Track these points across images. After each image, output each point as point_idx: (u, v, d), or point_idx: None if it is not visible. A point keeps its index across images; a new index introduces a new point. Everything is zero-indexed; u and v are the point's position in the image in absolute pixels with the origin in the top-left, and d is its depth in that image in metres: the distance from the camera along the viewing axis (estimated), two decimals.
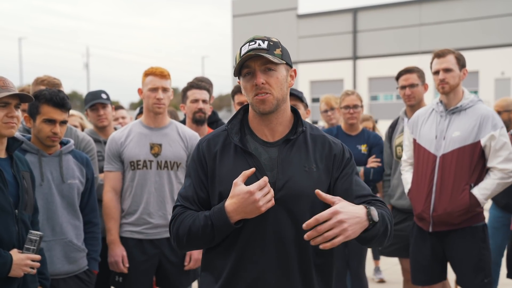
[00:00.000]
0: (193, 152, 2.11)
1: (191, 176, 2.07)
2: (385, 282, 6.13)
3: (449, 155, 3.50)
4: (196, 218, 1.97)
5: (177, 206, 2.06)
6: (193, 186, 2.05)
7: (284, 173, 1.98)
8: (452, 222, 3.51)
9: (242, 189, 1.87)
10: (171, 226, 2.04)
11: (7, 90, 2.60)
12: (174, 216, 2.04)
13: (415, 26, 26.12)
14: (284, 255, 1.97)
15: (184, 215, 2.01)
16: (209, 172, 2.03)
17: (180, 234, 1.99)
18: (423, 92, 4.23)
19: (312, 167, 2.02)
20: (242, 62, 1.98)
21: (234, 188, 1.90)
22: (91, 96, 4.23)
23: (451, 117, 3.59)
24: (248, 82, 1.99)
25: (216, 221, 1.92)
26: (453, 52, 3.62)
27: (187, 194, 2.05)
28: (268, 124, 2.04)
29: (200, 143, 2.09)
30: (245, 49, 1.99)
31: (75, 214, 3.15)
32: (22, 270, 2.57)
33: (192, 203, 2.04)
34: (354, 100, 4.42)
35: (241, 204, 1.87)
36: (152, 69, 3.52)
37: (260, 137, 2.05)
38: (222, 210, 1.91)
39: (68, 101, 3.05)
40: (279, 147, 2.02)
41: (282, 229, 1.96)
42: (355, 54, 27.83)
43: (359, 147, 4.41)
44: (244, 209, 1.88)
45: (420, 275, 3.72)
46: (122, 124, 5.26)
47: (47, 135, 3.00)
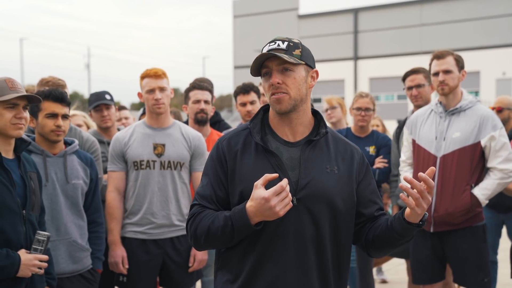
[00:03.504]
0: (212, 151, 2.10)
1: (209, 175, 2.06)
2: (387, 282, 6.15)
3: (450, 156, 3.52)
4: (215, 217, 1.97)
5: (195, 205, 2.05)
6: (211, 185, 2.04)
7: (307, 173, 2.00)
8: (453, 222, 3.54)
9: (259, 194, 1.86)
10: (189, 224, 2.03)
11: (16, 91, 2.62)
12: (193, 214, 2.03)
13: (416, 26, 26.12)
14: (304, 255, 1.98)
15: (203, 214, 2.00)
16: (229, 170, 2.03)
17: (198, 233, 1.99)
18: (430, 92, 4.24)
19: (334, 169, 2.04)
20: (258, 61, 2.01)
21: (254, 191, 1.89)
22: (95, 97, 4.25)
23: (450, 118, 3.61)
24: (266, 81, 2.03)
25: (236, 222, 1.91)
26: (452, 54, 3.64)
27: (205, 193, 2.05)
28: (288, 124, 2.06)
29: (220, 142, 2.09)
30: (265, 49, 2.03)
31: (79, 214, 3.18)
32: (30, 270, 2.59)
33: (210, 202, 2.03)
34: (367, 103, 4.43)
35: (258, 208, 1.87)
36: (147, 71, 3.56)
37: (281, 136, 2.07)
38: (243, 212, 1.90)
39: (67, 96, 3.09)
40: (301, 147, 2.04)
41: (302, 229, 1.98)
42: (356, 55, 27.84)
43: (367, 148, 4.43)
44: (262, 213, 1.88)
45: (421, 274, 3.74)
46: (125, 125, 5.28)
47: (51, 129, 3.03)
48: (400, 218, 1.95)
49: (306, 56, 2.05)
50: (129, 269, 3.49)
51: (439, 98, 3.71)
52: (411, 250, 3.83)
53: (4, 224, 2.54)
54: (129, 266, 3.49)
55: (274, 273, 1.97)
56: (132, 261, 3.48)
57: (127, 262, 3.47)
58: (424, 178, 1.85)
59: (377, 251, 2.14)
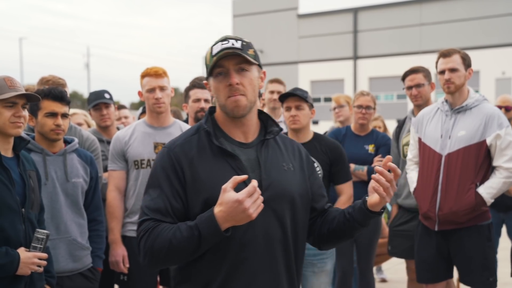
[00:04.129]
0: (161, 161, 1.93)
1: (161, 186, 1.89)
2: (387, 281, 6.15)
3: (455, 154, 3.51)
4: (176, 230, 1.81)
5: (146, 220, 1.87)
6: (165, 196, 1.88)
7: (268, 173, 1.96)
8: (458, 221, 3.53)
9: (230, 197, 1.75)
10: (142, 241, 1.85)
11: (15, 90, 2.62)
12: (146, 230, 1.85)
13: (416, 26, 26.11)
14: (274, 257, 1.95)
15: (159, 229, 1.83)
16: (187, 179, 1.89)
17: (156, 249, 1.82)
18: (429, 91, 4.24)
19: (290, 167, 2.03)
20: (218, 59, 1.90)
21: (222, 195, 1.77)
22: (94, 96, 4.24)
23: (456, 116, 3.60)
24: (220, 82, 1.93)
25: (204, 231, 1.77)
26: (458, 52, 3.63)
27: (157, 206, 1.88)
28: (241, 125, 1.99)
29: (170, 150, 1.94)
30: (217, 48, 1.92)
31: (79, 213, 3.17)
32: (30, 269, 2.59)
33: (166, 215, 1.87)
34: (368, 101, 4.43)
35: (230, 212, 1.75)
36: (147, 70, 3.56)
37: (235, 138, 1.99)
38: (211, 219, 1.77)
39: (66, 95, 3.09)
40: (256, 148, 1.99)
41: (270, 230, 1.93)
42: (356, 54, 27.82)
43: (366, 147, 4.43)
44: (234, 217, 1.77)
45: (425, 273, 3.73)
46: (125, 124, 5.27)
47: (50, 128, 3.03)
48: (363, 208, 1.95)
49: (257, 56, 2.01)
50: (130, 268, 3.49)
51: (445, 96, 3.71)
52: (415, 249, 3.82)
53: (4, 223, 2.54)
54: (129, 265, 3.48)
55: (247, 279, 1.90)
56: (132, 260, 3.48)
57: (127, 261, 3.47)
58: (393, 167, 1.86)
59: (331, 244, 2.15)
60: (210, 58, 1.93)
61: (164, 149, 1.96)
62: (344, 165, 3.66)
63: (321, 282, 3.58)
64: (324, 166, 3.58)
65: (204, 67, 2.06)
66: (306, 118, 3.55)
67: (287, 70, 27.11)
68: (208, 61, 1.94)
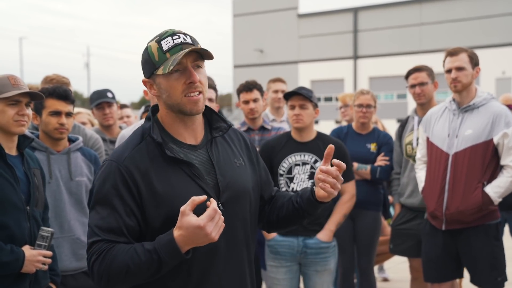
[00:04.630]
0: (108, 176, 1.77)
1: (112, 204, 1.74)
2: (389, 281, 6.15)
3: (462, 154, 3.50)
4: (133, 253, 1.69)
5: (98, 242, 1.73)
6: (118, 215, 1.74)
7: (223, 174, 1.88)
8: (465, 220, 3.52)
9: (191, 222, 1.63)
10: (96, 265, 1.72)
11: (18, 88, 2.62)
12: (100, 253, 1.71)
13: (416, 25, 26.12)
14: (238, 258, 1.91)
15: (114, 251, 1.71)
16: (142, 193, 1.76)
17: (113, 274, 1.70)
18: (433, 90, 4.23)
19: (241, 161, 1.97)
20: (181, 56, 1.76)
21: (181, 218, 1.65)
22: (97, 95, 4.25)
23: (463, 115, 3.59)
24: (176, 80, 1.79)
25: (164, 255, 1.67)
26: (466, 51, 3.62)
27: (110, 225, 1.73)
28: (190, 125, 1.88)
29: (118, 164, 1.77)
30: (169, 43, 1.79)
31: (83, 211, 3.17)
32: (34, 266, 2.59)
33: (120, 235, 1.74)
34: (368, 99, 4.42)
35: (191, 237, 1.65)
36: None
37: (183, 141, 1.87)
38: (171, 243, 1.66)
39: (71, 94, 3.09)
40: (206, 148, 1.90)
41: (233, 233, 1.88)
42: (356, 54, 27.84)
43: (368, 145, 4.42)
44: (195, 241, 1.67)
45: (432, 272, 3.72)
46: (127, 123, 5.29)
47: (54, 127, 3.03)
48: (311, 199, 1.94)
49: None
50: None
51: (453, 95, 3.70)
52: (422, 248, 3.82)
53: (9, 220, 2.55)
54: None
55: (216, 283, 1.85)
56: None
57: None
58: (337, 163, 1.87)
59: (280, 229, 2.16)
60: (160, 53, 1.79)
61: (111, 163, 1.78)
62: (347, 164, 3.66)
63: (324, 281, 3.58)
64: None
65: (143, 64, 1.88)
66: (310, 117, 3.55)
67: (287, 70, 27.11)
68: (157, 57, 1.79)
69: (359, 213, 4.16)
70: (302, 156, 3.57)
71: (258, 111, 4.26)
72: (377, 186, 4.42)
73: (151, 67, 1.82)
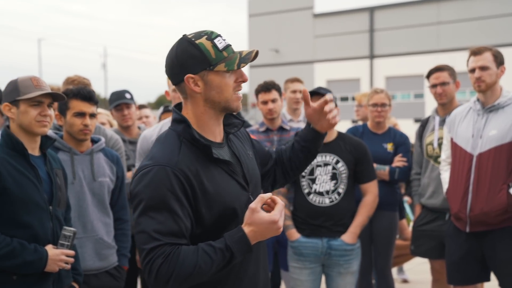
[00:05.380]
0: (163, 181, 1.77)
1: (171, 208, 1.76)
2: (408, 282, 6.10)
3: (486, 154, 3.44)
4: (202, 253, 1.75)
5: (160, 246, 1.74)
6: (178, 218, 1.77)
7: (247, 167, 1.99)
8: (489, 222, 3.45)
9: (264, 218, 1.77)
10: (163, 267, 1.72)
11: (41, 89, 2.64)
12: (166, 256, 1.73)
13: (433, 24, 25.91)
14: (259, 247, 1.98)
15: (182, 253, 1.74)
16: (197, 195, 1.81)
17: (183, 275, 1.73)
18: (454, 90, 4.17)
19: (250, 153, 2.08)
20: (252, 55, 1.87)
21: (252, 215, 1.77)
22: (116, 96, 4.27)
23: (488, 115, 3.54)
24: (228, 78, 1.87)
25: (238, 252, 1.77)
26: (490, 50, 3.56)
27: (170, 229, 1.76)
28: (220, 124, 1.96)
29: (172, 168, 1.78)
30: (222, 43, 1.88)
31: (105, 212, 3.20)
32: (57, 265, 2.61)
33: (180, 237, 1.77)
34: (383, 98, 4.39)
35: (263, 231, 1.78)
36: None
37: (214, 140, 1.94)
38: (244, 239, 1.77)
39: (94, 95, 3.12)
40: (228, 144, 1.99)
41: None
42: (372, 53, 27.69)
43: (384, 145, 4.39)
44: (265, 236, 1.80)
45: (455, 274, 3.66)
46: (146, 123, 5.31)
47: (79, 128, 3.06)
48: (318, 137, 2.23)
49: None
50: None
51: (477, 95, 3.65)
52: (446, 250, 3.76)
53: (32, 220, 2.57)
54: None
55: (253, 271, 1.96)
56: None
57: None
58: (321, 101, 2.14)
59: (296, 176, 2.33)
60: (217, 51, 1.85)
61: (164, 168, 1.78)
62: (369, 163, 3.64)
63: (347, 283, 3.56)
64: (350, 165, 3.56)
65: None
66: None
67: (303, 70, 27.06)
68: (214, 54, 1.85)
69: (376, 214, 4.13)
70: (323, 157, 3.56)
71: (276, 111, 4.25)
72: (393, 187, 4.39)
73: (204, 63, 1.85)
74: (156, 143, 1.92)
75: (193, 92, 1.87)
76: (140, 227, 1.77)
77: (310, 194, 3.55)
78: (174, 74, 1.89)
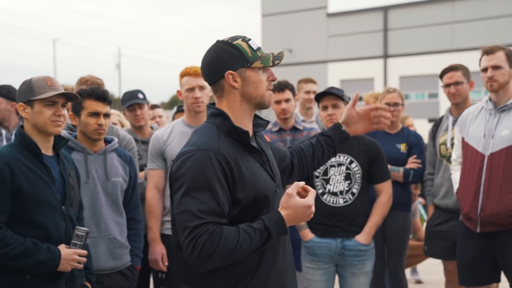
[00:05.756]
0: (205, 164, 1.91)
1: (213, 189, 1.90)
2: (422, 283, 6.05)
3: (498, 154, 3.41)
4: (242, 233, 1.90)
5: (204, 224, 1.88)
6: (220, 198, 1.91)
7: (272, 161, 2.18)
8: (500, 223, 3.42)
9: (300, 203, 1.94)
10: (208, 243, 1.86)
11: (55, 89, 2.66)
12: (210, 233, 1.86)
13: (448, 23, 25.70)
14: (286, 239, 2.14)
15: (225, 231, 1.89)
16: (235, 179, 1.95)
17: (224, 252, 1.87)
18: (468, 89, 4.13)
19: (269, 151, 2.25)
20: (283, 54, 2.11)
21: (289, 199, 1.95)
22: (128, 96, 4.27)
23: (500, 115, 3.50)
24: (262, 75, 2.07)
25: (276, 233, 1.93)
26: (503, 49, 3.53)
27: (213, 209, 1.90)
28: (251, 119, 2.14)
29: (214, 153, 1.93)
30: (255, 45, 2.09)
31: (118, 211, 3.21)
32: (70, 265, 2.62)
33: (221, 217, 1.91)
34: (395, 98, 4.36)
35: (297, 216, 1.95)
36: (187, 69, 3.57)
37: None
38: (281, 221, 1.94)
39: (108, 95, 3.14)
40: (255, 139, 2.17)
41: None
42: (386, 53, 27.54)
43: (398, 145, 4.35)
44: (299, 219, 1.97)
45: (467, 275, 3.64)
46: (159, 123, 5.32)
47: (93, 128, 3.07)
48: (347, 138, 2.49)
49: None
50: (168, 266, 3.51)
51: (489, 94, 3.62)
52: (457, 251, 3.73)
53: (45, 219, 2.59)
54: (168, 263, 3.50)
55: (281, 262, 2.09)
56: (170, 258, 3.49)
57: (166, 259, 3.49)
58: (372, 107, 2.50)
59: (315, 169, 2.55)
60: (252, 51, 2.05)
61: (207, 152, 1.93)
62: (383, 163, 3.62)
63: (360, 283, 3.54)
64: (363, 165, 3.54)
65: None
66: None
67: (317, 70, 26.98)
68: (250, 53, 2.04)
69: (388, 214, 4.10)
70: (337, 157, 3.54)
71: (290, 111, 4.25)
72: (406, 187, 4.36)
73: (243, 61, 2.04)
74: (194, 134, 2.07)
75: (231, 88, 2.04)
76: (183, 207, 1.90)
77: (324, 194, 3.54)
78: (213, 72, 2.05)
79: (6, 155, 2.55)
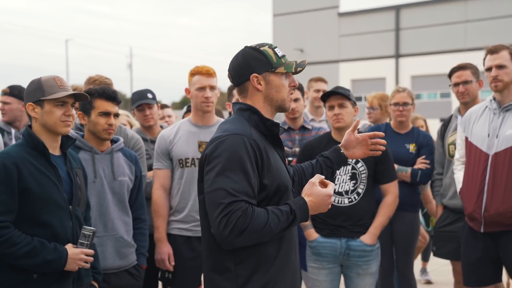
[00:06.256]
0: (239, 146, 2.05)
1: (246, 171, 2.03)
2: (432, 283, 6.02)
3: (502, 154, 3.39)
4: (271, 213, 2.04)
5: (237, 201, 2.00)
6: (252, 179, 2.04)
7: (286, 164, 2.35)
8: (504, 223, 3.40)
9: (322, 191, 2.13)
10: (241, 219, 1.97)
11: (65, 89, 2.67)
12: (243, 210, 1.98)
13: (461, 22, 25.51)
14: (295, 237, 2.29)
15: (256, 211, 2.01)
16: (263, 166, 2.10)
17: (254, 229, 1.99)
18: (477, 89, 4.10)
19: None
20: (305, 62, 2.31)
21: (312, 188, 2.13)
22: (137, 96, 4.29)
23: (504, 114, 3.48)
24: (285, 80, 2.23)
25: (300, 216, 2.08)
26: (507, 48, 3.51)
27: (245, 189, 2.02)
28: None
29: (248, 139, 2.08)
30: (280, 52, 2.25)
31: (125, 211, 3.23)
32: (77, 264, 2.63)
33: (252, 197, 2.04)
34: (405, 97, 4.33)
35: (319, 203, 2.12)
36: (198, 68, 3.56)
37: None
38: (305, 206, 2.10)
39: (117, 95, 3.16)
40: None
41: None
42: (398, 52, 27.40)
43: (407, 145, 4.32)
44: (319, 208, 2.14)
45: (471, 276, 3.62)
46: (168, 123, 5.33)
47: (103, 127, 3.10)
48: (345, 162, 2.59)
49: None
50: (174, 266, 3.52)
51: (493, 94, 3.59)
52: (462, 251, 3.71)
53: (52, 219, 2.60)
54: (174, 263, 3.51)
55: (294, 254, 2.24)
56: (177, 258, 3.51)
57: (173, 259, 3.50)
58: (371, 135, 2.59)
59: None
60: (277, 57, 2.21)
61: (241, 136, 2.07)
62: (389, 163, 3.60)
63: (366, 284, 3.53)
64: (369, 165, 3.52)
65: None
66: (350, 116, 3.51)
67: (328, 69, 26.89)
68: (275, 59, 2.20)
69: (396, 215, 4.07)
70: None
71: (299, 110, 4.24)
72: (414, 187, 4.33)
73: (268, 65, 2.19)
74: (223, 123, 2.21)
75: (255, 90, 2.19)
76: (217, 185, 2.02)
77: None
78: (240, 74, 2.20)
79: (13, 155, 2.57)
